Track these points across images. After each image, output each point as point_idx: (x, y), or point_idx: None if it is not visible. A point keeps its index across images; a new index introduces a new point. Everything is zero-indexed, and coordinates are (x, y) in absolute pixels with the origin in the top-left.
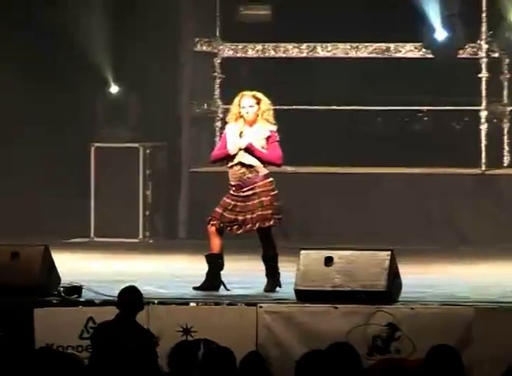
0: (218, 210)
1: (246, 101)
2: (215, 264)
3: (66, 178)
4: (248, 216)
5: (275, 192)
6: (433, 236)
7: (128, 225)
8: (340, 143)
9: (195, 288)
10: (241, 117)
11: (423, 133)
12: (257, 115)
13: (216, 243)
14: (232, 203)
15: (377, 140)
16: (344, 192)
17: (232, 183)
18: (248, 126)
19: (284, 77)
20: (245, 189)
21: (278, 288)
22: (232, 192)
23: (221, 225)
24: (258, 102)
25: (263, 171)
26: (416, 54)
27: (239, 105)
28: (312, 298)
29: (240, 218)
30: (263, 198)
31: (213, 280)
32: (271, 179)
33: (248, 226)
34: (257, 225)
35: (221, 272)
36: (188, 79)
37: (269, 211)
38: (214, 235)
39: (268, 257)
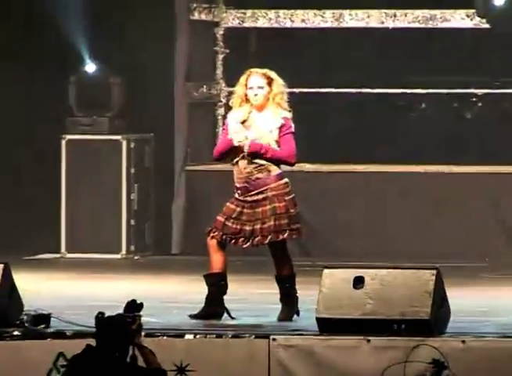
0: (220, 218)
1: (255, 80)
2: (217, 286)
3: (30, 179)
4: (257, 226)
5: (292, 196)
6: (483, 250)
7: (108, 238)
8: (370, 135)
9: (192, 316)
10: (247, 100)
11: (476, 122)
12: (268, 99)
13: (218, 260)
14: (238, 209)
15: (419, 131)
16: (377, 195)
17: (238, 185)
18: (256, 112)
19: (302, 53)
20: (253, 192)
21: (295, 316)
22: (237, 196)
23: (224, 237)
24: (270, 82)
25: (275, 170)
26: (468, 23)
27: (246, 85)
28: (338, 329)
29: (247, 228)
30: (276, 204)
31: (214, 307)
32: (286, 180)
33: (257, 239)
34: (268, 238)
35: (225, 297)
36: (183, 55)
37: (284, 221)
38: (215, 250)
39: (282, 278)
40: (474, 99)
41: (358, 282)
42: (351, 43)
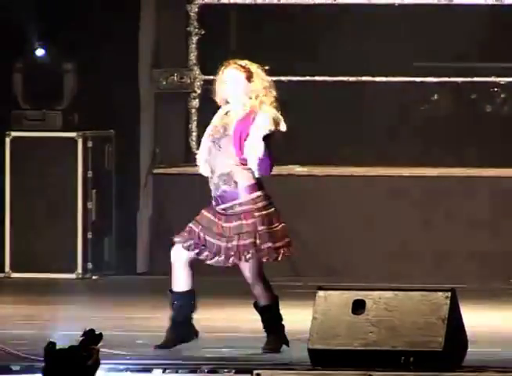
0: (190, 224)
1: (230, 74)
2: (183, 305)
3: None
4: (223, 244)
5: (266, 212)
6: (506, 268)
7: (60, 255)
8: (372, 132)
9: (158, 347)
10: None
11: (498, 116)
12: (249, 97)
13: (183, 274)
14: (212, 219)
15: (431, 126)
16: (381, 203)
17: (212, 194)
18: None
19: (291, 34)
20: (222, 206)
21: (284, 347)
22: (214, 204)
23: (189, 244)
24: (249, 76)
25: (245, 180)
26: (489, 1)
27: (221, 79)
28: (335, 362)
29: (215, 242)
30: (243, 222)
31: (180, 329)
32: (258, 194)
33: (220, 259)
34: (230, 259)
35: (201, 324)
36: (149, 36)
37: (250, 241)
38: (180, 261)
39: (261, 306)
40: (496, 89)
41: (359, 306)
42: (349, 22)
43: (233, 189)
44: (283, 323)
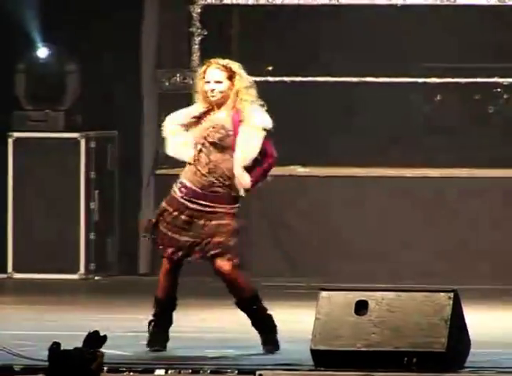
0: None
1: (212, 73)
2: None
3: None
4: (197, 240)
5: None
6: (509, 269)
7: (63, 255)
8: (374, 133)
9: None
10: (204, 98)
11: (502, 117)
12: (228, 96)
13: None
14: (177, 214)
15: (434, 127)
16: (383, 204)
17: (187, 184)
18: (215, 112)
19: (293, 35)
20: (201, 201)
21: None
22: (178, 195)
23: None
24: (231, 76)
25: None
26: (491, 1)
27: (204, 78)
28: (337, 363)
29: (187, 239)
30: (223, 221)
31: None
32: (239, 205)
33: (194, 256)
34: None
35: (203, 325)
36: (152, 37)
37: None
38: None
39: (242, 302)
40: (499, 90)
41: (361, 307)
42: (352, 23)
43: (226, 194)
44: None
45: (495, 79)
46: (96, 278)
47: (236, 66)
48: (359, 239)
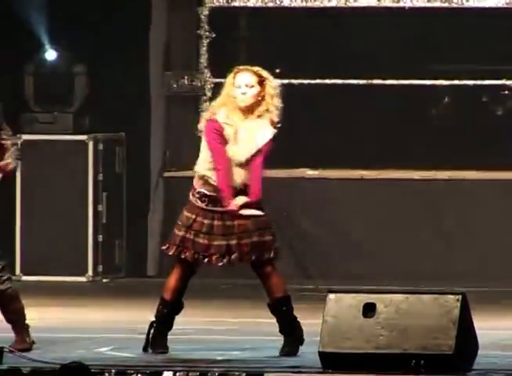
0: (185, 234)
1: (243, 78)
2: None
3: None
4: (233, 242)
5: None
6: None
7: (71, 258)
8: (383, 135)
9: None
10: (231, 105)
11: (509, 119)
12: (258, 101)
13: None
14: (206, 221)
15: (442, 129)
16: (392, 206)
17: (207, 193)
18: (241, 117)
19: (302, 38)
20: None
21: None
22: (200, 204)
23: (196, 256)
24: (262, 82)
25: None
26: (500, 2)
27: (234, 84)
28: (345, 366)
29: (221, 243)
30: (258, 218)
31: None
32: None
33: (234, 257)
34: (252, 255)
35: (211, 327)
36: (160, 39)
37: (269, 237)
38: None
39: (276, 302)
40: (507, 92)
41: (370, 309)
42: (360, 26)
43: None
44: (298, 322)
45: (503, 81)
46: (104, 280)
47: (265, 72)
48: (368, 241)
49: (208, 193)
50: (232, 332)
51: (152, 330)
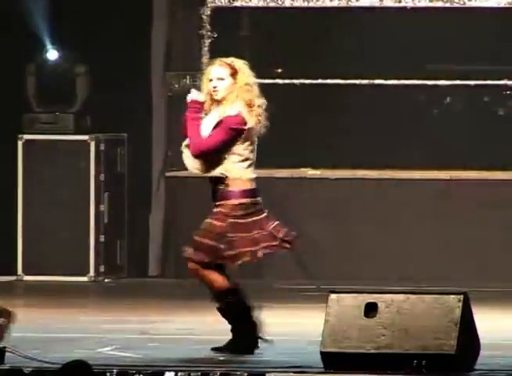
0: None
1: (216, 71)
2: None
3: None
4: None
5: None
6: None
7: (73, 258)
8: (384, 136)
9: (215, 349)
10: (209, 99)
11: (509, 119)
12: (231, 93)
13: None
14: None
15: (443, 130)
16: (392, 206)
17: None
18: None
19: (303, 38)
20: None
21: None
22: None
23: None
24: (234, 73)
25: (235, 185)
26: (503, 2)
27: (208, 76)
28: (347, 366)
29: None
30: (215, 222)
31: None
32: (239, 201)
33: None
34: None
35: (210, 328)
36: (162, 39)
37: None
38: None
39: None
40: (509, 92)
41: (371, 309)
42: (361, 26)
43: (224, 189)
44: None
45: (505, 81)
46: (106, 280)
47: (240, 62)
48: (368, 241)
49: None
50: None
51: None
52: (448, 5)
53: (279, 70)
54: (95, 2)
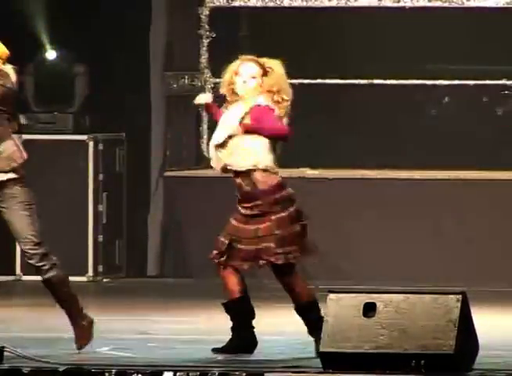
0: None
1: (249, 68)
2: (245, 312)
3: None
4: (251, 247)
5: (283, 215)
6: None
7: (71, 257)
8: (382, 136)
9: (216, 351)
10: (230, 94)
11: (509, 119)
12: (259, 92)
13: (236, 282)
14: (239, 225)
15: (441, 130)
16: (391, 206)
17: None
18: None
19: (302, 38)
20: (246, 205)
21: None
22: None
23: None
24: (265, 73)
25: (264, 182)
26: (500, 2)
27: (236, 72)
28: (345, 366)
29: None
30: (259, 226)
31: (246, 337)
32: (276, 197)
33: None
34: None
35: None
36: (160, 39)
37: (269, 244)
38: (230, 273)
39: (301, 307)
40: (507, 92)
41: (370, 309)
42: (360, 25)
43: (253, 189)
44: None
45: (504, 81)
46: (104, 280)
47: (272, 62)
48: (368, 241)
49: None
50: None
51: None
52: (446, 4)
53: None
54: (94, 2)
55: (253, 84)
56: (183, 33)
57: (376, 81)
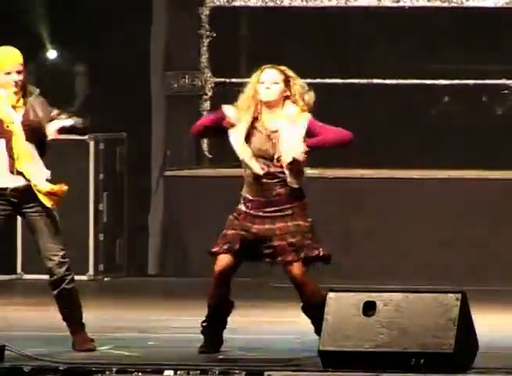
0: (230, 231)
1: (270, 74)
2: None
3: None
4: (276, 243)
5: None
6: None
7: (72, 256)
8: (382, 135)
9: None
10: (255, 105)
11: (509, 119)
12: (283, 99)
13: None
14: (247, 224)
15: (441, 129)
16: (390, 205)
17: (250, 197)
18: (266, 110)
19: (302, 37)
20: (270, 209)
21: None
22: (244, 209)
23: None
24: (287, 80)
25: (297, 184)
26: (499, 2)
27: (258, 81)
28: (345, 364)
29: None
30: (300, 222)
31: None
32: (306, 200)
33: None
34: (291, 255)
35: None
36: (161, 39)
37: (308, 241)
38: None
39: (309, 306)
40: (506, 92)
41: (369, 308)
42: (360, 25)
43: (287, 191)
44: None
45: (503, 81)
46: (105, 279)
47: (291, 72)
48: (368, 240)
49: (250, 198)
50: (232, 331)
51: None
52: (446, 4)
53: None
54: (95, 2)
55: (276, 89)
56: (183, 33)
57: (375, 81)
